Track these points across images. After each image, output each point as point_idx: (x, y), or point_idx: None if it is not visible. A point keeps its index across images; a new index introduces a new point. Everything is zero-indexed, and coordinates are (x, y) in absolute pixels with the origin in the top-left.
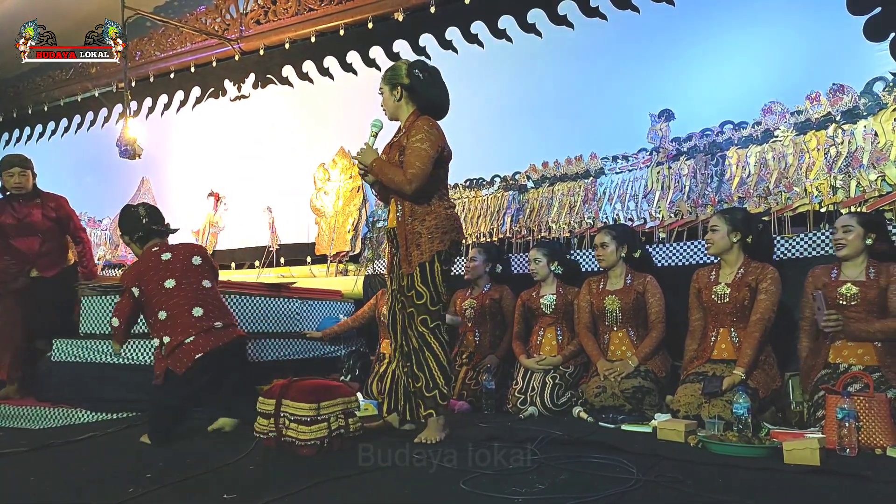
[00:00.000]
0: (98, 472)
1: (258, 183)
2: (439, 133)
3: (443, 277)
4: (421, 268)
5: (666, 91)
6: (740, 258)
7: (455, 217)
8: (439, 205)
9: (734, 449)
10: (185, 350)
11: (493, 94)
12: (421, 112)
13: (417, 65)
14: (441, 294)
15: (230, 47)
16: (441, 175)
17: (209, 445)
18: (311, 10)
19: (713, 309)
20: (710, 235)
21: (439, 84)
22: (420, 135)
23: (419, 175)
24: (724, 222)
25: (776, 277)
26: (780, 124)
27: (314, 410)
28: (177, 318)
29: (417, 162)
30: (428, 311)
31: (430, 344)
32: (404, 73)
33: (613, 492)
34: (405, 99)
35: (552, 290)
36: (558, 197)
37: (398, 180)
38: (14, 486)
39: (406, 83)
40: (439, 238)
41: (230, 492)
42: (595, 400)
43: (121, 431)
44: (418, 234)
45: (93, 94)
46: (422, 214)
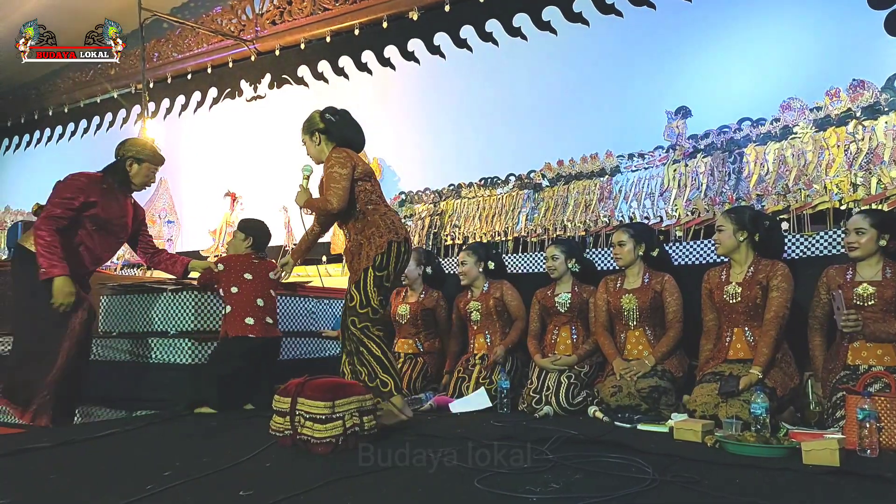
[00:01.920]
0: (117, 468)
1: (274, 183)
2: (347, 155)
3: (374, 283)
4: (361, 274)
5: (682, 88)
6: (750, 256)
7: (393, 220)
8: (373, 213)
9: (752, 449)
10: (243, 325)
11: (508, 92)
12: (338, 147)
13: (328, 110)
14: (371, 298)
15: (246, 48)
16: (369, 188)
17: (225, 443)
18: (326, 10)
19: (725, 309)
20: (717, 235)
21: (350, 122)
22: (330, 162)
23: (336, 194)
24: (730, 222)
25: (787, 274)
26: (799, 121)
27: (329, 409)
28: (243, 296)
29: (332, 184)
30: (356, 313)
31: (363, 341)
32: (318, 119)
33: (629, 492)
34: (324, 142)
35: (567, 288)
36: (573, 195)
37: (322, 206)
38: (35, 482)
39: (321, 127)
40: (376, 243)
41: (247, 489)
42: (611, 399)
43: (140, 429)
44: (360, 245)
45: (112, 96)
46: (360, 228)
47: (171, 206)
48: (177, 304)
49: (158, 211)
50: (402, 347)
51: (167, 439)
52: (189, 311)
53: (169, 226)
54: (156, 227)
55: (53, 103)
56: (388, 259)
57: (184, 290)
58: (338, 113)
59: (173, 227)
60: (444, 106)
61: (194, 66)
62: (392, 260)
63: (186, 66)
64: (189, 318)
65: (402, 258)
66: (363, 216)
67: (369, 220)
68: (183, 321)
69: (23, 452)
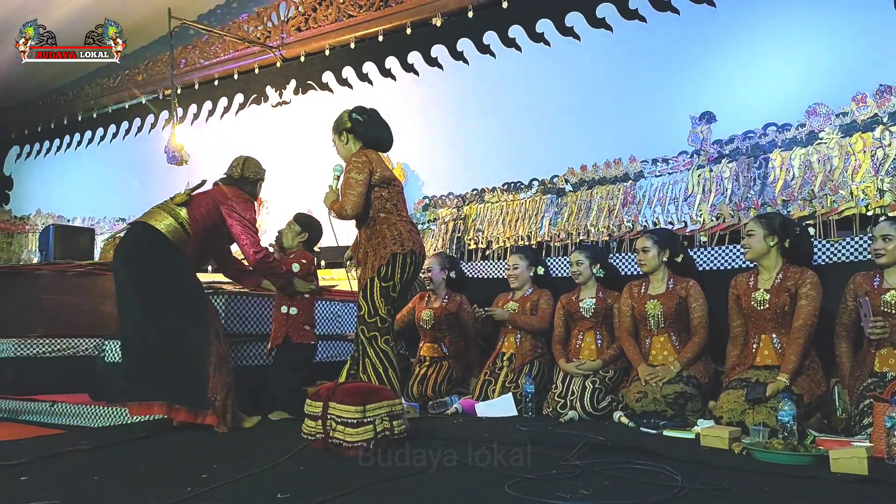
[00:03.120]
0: (156, 471)
1: (299, 187)
2: (367, 160)
3: (381, 294)
4: (366, 283)
5: (707, 93)
6: (778, 263)
7: (401, 232)
8: (383, 223)
9: (779, 457)
10: (306, 332)
11: (531, 97)
12: (365, 147)
13: (356, 110)
14: (378, 308)
15: (272, 54)
16: (385, 195)
17: (259, 446)
18: (350, 17)
19: (753, 315)
20: (747, 240)
21: (378, 122)
22: (349, 166)
23: (350, 200)
24: (761, 227)
25: (816, 282)
26: (825, 126)
27: (360, 413)
28: (310, 302)
29: (348, 190)
30: (364, 322)
31: (367, 352)
32: (346, 119)
33: (659, 499)
34: (351, 141)
35: (592, 293)
36: (597, 200)
37: (339, 211)
38: (79, 484)
39: (349, 127)
40: (380, 254)
41: (283, 491)
42: (636, 405)
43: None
44: (367, 254)
45: (140, 101)
46: (369, 236)
47: None
48: None
49: None
50: (426, 351)
51: (203, 442)
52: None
53: None
54: None
55: (82, 108)
56: (392, 270)
57: (215, 293)
58: (366, 112)
59: None
60: (468, 111)
61: (221, 72)
62: (396, 272)
63: (213, 72)
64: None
65: (409, 270)
66: (373, 224)
67: (377, 229)
68: None
69: (64, 455)
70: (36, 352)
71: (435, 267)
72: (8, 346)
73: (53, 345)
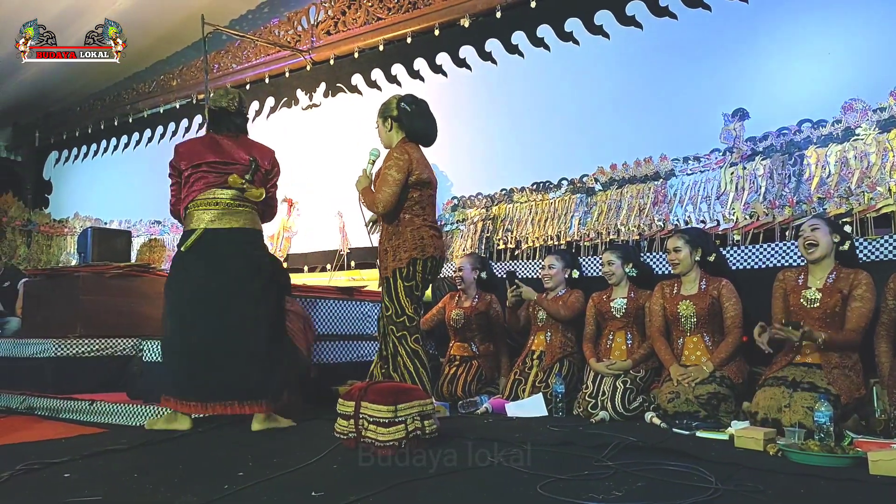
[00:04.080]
0: (193, 468)
1: (329, 189)
2: (409, 158)
3: (405, 293)
4: (386, 282)
5: (739, 90)
6: (832, 263)
7: (423, 236)
8: (408, 225)
9: (816, 458)
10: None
11: (560, 96)
12: (408, 139)
13: (406, 98)
14: (405, 308)
15: (302, 58)
16: (415, 197)
17: (293, 444)
18: (379, 20)
19: (801, 313)
20: (811, 235)
21: (425, 114)
22: (389, 161)
23: (384, 198)
24: (825, 224)
25: (871, 284)
26: (862, 122)
27: (391, 412)
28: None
29: (384, 186)
30: (393, 322)
31: (400, 352)
32: (394, 106)
33: (692, 501)
34: (395, 129)
35: (624, 293)
36: (627, 199)
37: (371, 204)
38: (120, 481)
39: (395, 115)
40: (400, 257)
41: (318, 489)
42: (668, 406)
43: (211, 430)
44: (386, 251)
45: (174, 106)
46: (391, 234)
47: None
48: None
49: None
50: (456, 350)
51: (237, 440)
52: None
53: None
54: None
55: (119, 113)
56: (413, 272)
57: None
58: (415, 102)
59: None
60: (496, 111)
61: (252, 76)
62: (418, 274)
63: (245, 76)
64: None
65: (429, 273)
66: (398, 224)
67: (400, 230)
68: None
69: (105, 453)
70: (75, 352)
71: (466, 267)
72: (48, 346)
73: (92, 345)
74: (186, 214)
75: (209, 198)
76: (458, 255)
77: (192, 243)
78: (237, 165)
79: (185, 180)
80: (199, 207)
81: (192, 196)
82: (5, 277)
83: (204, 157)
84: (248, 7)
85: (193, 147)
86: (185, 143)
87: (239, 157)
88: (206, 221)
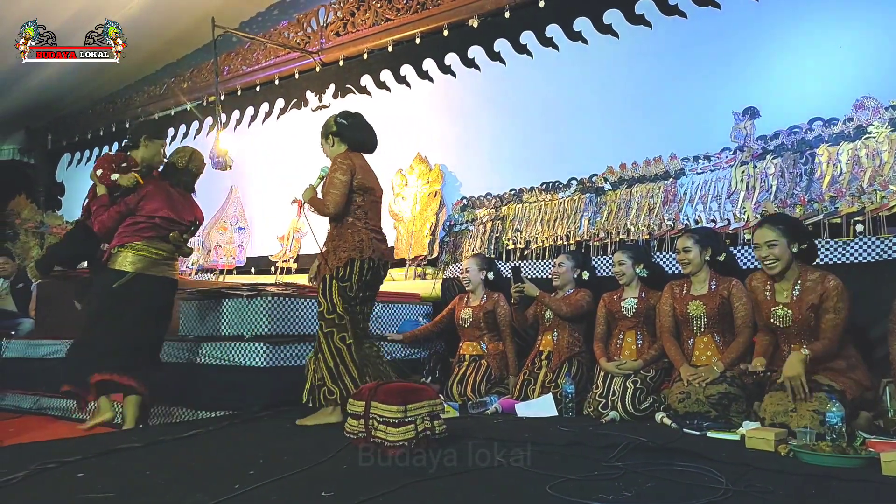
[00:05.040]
0: (204, 467)
1: None
2: (351, 163)
3: (339, 293)
4: (323, 281)
5: (749, 88)
6: (795, 271)
7: (362, 239)
8: (349, 228)
9: (827, 459)
10: None
11: (569, 96)
12: (351, 150)
13: (341, 114)
14: (336, 306)
15: (311, 59)
16: (359, 202)
17: (303, 444)
18: (388, 21)
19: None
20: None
21: (362, 125)
22: (334, 166)
23: (333, 199)
24: (780, 234)
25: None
26: (874, 120)
27: (401, 412)
28: None
29: (332, 189)
30: (324, 318)
31: (323, 347)
32: (332, 123)
33: (702, 501)
34: (337, 143)
35: (634, 293)
36: (637, 199)
37: (320, 208)
38: (132, 480)
39: (334, 130)
40: (338, 256)
41: (328, 489)
42: (679, 406)
43: (221, 429)
44: (327, 251)
45: (185, 108)
46: (333, 236)
47: (242, 213)
48: (252, 309)
49: (230, 218)
50: (466, 349)
51: (247, 439)
52: (263, 316)
53: (240, 232)
54: (227, 234)
55: (130, 116)
56: (349, 272)
57: (258, 295)
58: (351, 116)
59: (244, 233)
60: (505, 111)
61: (262, 78)
62: (354, 275)
63: (255, 78)
64: (263, 323)
65: (366, 275)
66: (340, 226)
67: (342, 231)
68: (258, 325)
69: (118, 452)
70: None
71: (473, 267)
72: (62, 347)
73: None
74: (121, 251)
75: (150, 245)
76: (468, 256)
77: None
78: (181, 225)
79: (136, 219)
80: (136, 252)
81: (136, 238)
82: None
83: (160, 212)
84: (257, 9)
85: (158, 196)
86: (152, 190)
87: (183, 216)
88: (141, 267)
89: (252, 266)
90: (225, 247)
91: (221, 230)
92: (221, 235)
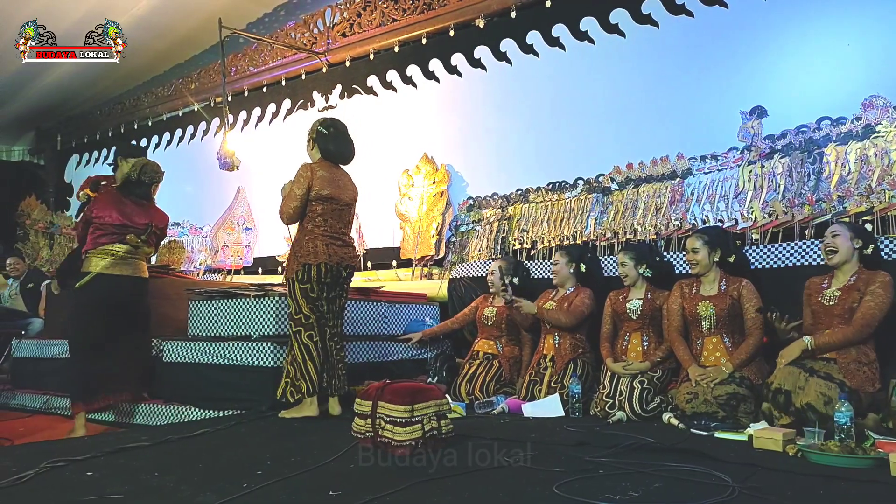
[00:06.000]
0: (212, 467)
1: None
2: (310, 176)
3: (301, 294)
4: (289, 283)
5: (757, 87)
6: (854, 267)
7: (317, 245)
8: (307, 234)
9: (836, 459)
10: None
11: (575, 95)
12: (324, 158)
13: (324, 122)
14: (301, 307)
15: (318, 60)
16: (318, 210)
17: (310, 443)
18: (394, 21)
19: (820, 311)
20: (832, 241)
21: (339, 136)
22: (294, 178)
23: (286, 211)
24: (846, 229)
25: (887, 282)
26: (882, 119)
27: (408, 412)
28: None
29: (288, 201)
30: (292, 318)
31: (292, 344)
32: (314, 129)
33: (710, 501)
34: (315, 149)
35: (640, 294)
36: (643, 199)
37: (279, 214)
38: (141, 479)
39: (314, 136)
40: (297, 261)
41: (335, 489)
42: (686, 406)
43: (229, 429)
44: (290, 256)
45: (192, 109)
46: (295, 241)
47: (249, 214)
48: (259, 309)
49: (237, 218)
50: (481, 346)
51: (255, 439)
52: (271, 316)
53: (247, 232)
54: (234, 234)
55: (138, 117)
56: (307, 276)
57: (266, 295)
58: (331, 126)
59: (251, 233)
60: (512, 111)
61: (269, 78)
62: (312, 278)
63: (262, 79)
64: (271, 323)
65: (325, 277)
66: (300, 232)
67: (300, 237)
68: (265, 325)
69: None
70: None
71: (496, 272)
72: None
73: None
74: (87, 257)
75: (107, 247)
76: (474, 256)
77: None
78: (135, 228)
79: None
80: (97, 255)
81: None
82: (29, 279)
83: (110, 217)
84: (264, 10)
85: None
86: (101, 200)
87: (135, 220)
88: (101, 267)
89: (259, 266)
90: (232, 247)
91: (229, 230)
92: (229, 236)
